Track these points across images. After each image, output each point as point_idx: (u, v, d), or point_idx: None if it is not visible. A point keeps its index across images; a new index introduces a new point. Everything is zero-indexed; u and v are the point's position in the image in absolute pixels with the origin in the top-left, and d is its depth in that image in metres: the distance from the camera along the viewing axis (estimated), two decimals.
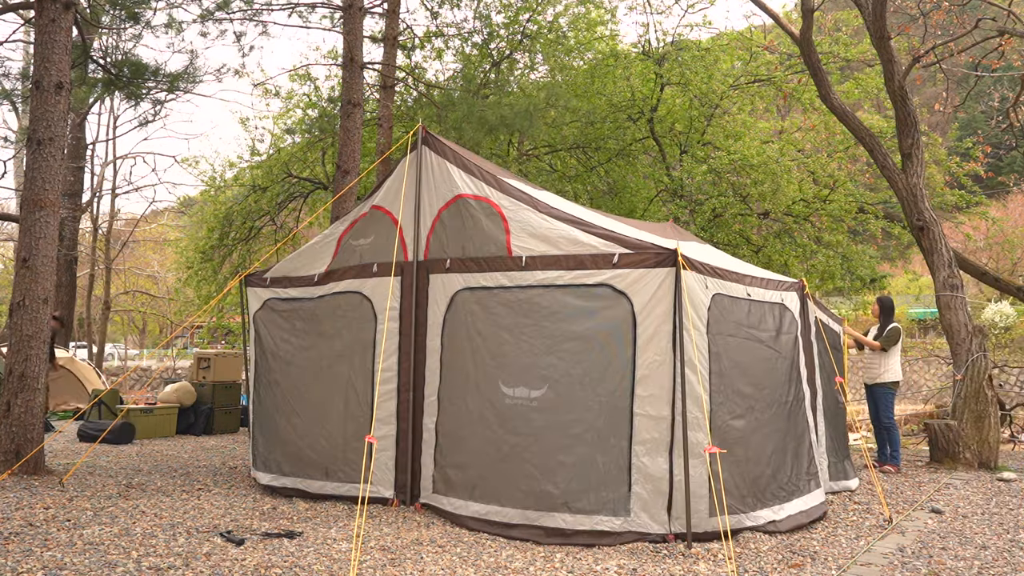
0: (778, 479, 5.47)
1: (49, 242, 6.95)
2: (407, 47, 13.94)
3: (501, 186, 5.77)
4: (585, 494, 4.98)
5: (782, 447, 5.61)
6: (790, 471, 5.62)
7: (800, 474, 5.74)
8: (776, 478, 5.46)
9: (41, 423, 6.90)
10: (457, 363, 5.66)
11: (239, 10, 11.33)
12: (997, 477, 7.79)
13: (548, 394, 5.18)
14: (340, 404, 6.13)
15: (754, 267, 7.04)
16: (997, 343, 24.93)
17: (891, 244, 20.48)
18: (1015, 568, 4.57)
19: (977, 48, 12.18)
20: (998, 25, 11.33)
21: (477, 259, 5.65)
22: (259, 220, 15.73)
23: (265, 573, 4.08)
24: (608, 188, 15.06)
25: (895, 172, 9.78)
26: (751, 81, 14.75)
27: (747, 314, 5.53)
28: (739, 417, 5.24)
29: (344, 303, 6.27)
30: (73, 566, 4.10)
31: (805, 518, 5.56)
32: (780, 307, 5.91)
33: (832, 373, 6.81)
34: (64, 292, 16.69)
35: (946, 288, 9.16)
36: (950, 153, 15.76)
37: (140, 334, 39.58)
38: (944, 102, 13.54)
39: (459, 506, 5.40)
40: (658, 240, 5.56)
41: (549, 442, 5.13)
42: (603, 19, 15.27)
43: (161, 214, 29.81)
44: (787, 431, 5.70)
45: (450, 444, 5.61)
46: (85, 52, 8.84)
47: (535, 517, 5.04)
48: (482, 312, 5.55)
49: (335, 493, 6.04)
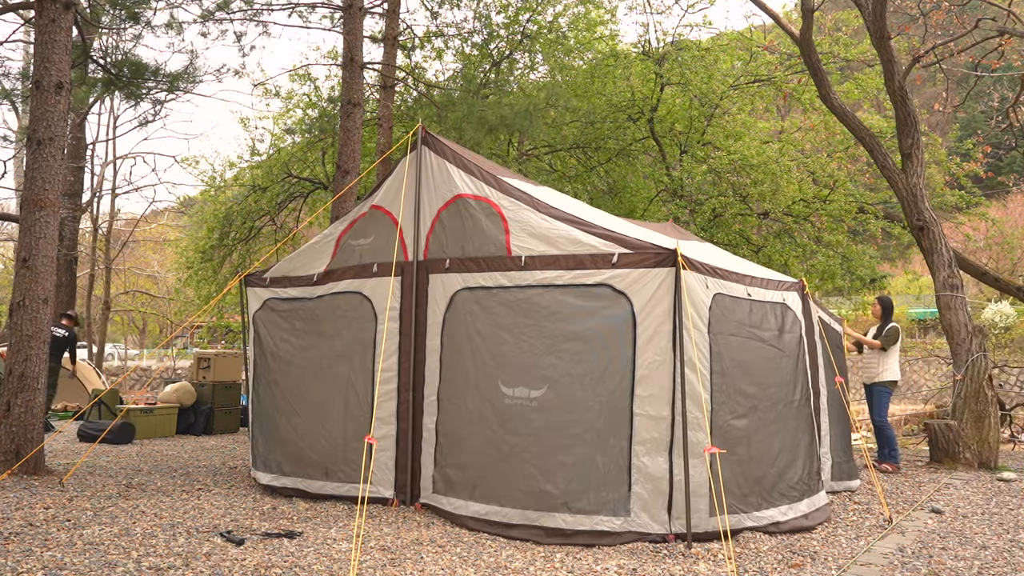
0: (787, 479, 5.45)
1: (49, 242, 6.95)
2: (407, 47, 13.94)
3: (501, 186, 5.76)
4: (585, 494, 4.98)
5: (791, 446, 5.59)
6: (802, 470, 5.61)
7: (812, 473, 5.74)
8: (785, 478, 5.44)
9: (41, 423, 6.90)
10: (457, 363, 5.66)
11: (239, 10, 11.34)
12: (997, 477, 7.79)
13: (548, 394, 5.18)
14: (340, 404, 6.13)
15: (756, 266, 7.03)
16: (997, 343, 24.94)
17: (891, 244, 20.48)
18: (1015, 568, 4.57)
19: (977, 48, 12.18)
20: (998, 25, 11.33)
21: (476, 259, 5.65)
22: (259, 220, 15.74)
23: (265, 573, 4.08)
24: (608, 188, 15.06)
25: (895, 172, 9.78)
26: (751, 81, 14.75)
27: (749, 313, 5.52)
28: (741, 417, 5.23)
29: (344, 303, 6.26)
30: (73, 566, 4.10)
31: (822, 515, 5.57)
32: (782, 307, 5.90)
33: (834, 373, 6.81)
34: (64, 292, 16.68)
35: (946, 288, 9.16)
36: (950, 153, 15.76)
37: (140, 334, 39.60)
38: (944, 102, 13.54)
39: (459, 506, 5.40)
40: (658, 239, 5.56)
41: (549, 442, 5.13)
42: (603, 19, 15.27)
43: (161, 214, 29.82)
44: (796, 430, 5.69)
45: (450, 444, 5.60)
46: (85, 52, 8.84)
47: (535, 517, 5.04)
48: (481, 312, 5.54)
49: (335, 493, 6.04)
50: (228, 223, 15.50)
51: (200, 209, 18.98)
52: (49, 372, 7.76)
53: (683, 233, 7.95)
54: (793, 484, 5.49)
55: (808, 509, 5.53)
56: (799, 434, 5.72)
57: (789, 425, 5.62)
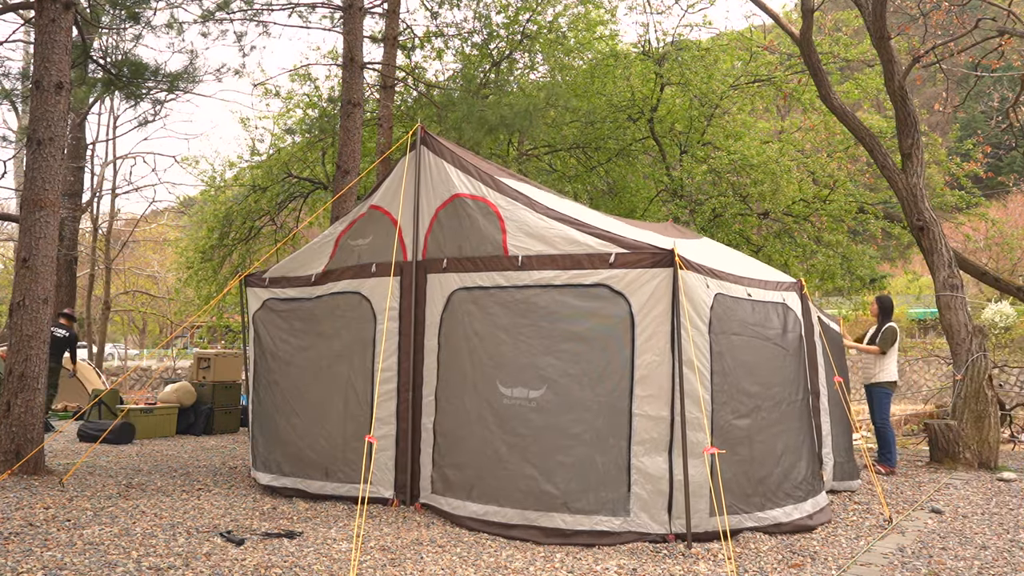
0: (792, 478, 5.45)
1: (49, 242, 6.95)
2: (407, 47, 13.94)
3: (498, 186, 5.76)
4: (584, 494, 4.98)
5: (796, 445, 5.58)
6: (805, 470, 5.61)
7: (815, 473, 5.74)
8: (790, 477, 5.44)
9: (41, 423, 6.90)
10: (454, 363, 5.65)
11: (239, 10, 11.34)
12: (997, 477, 7.79)
13: (547, 394, 5.17)
14: (340, 404, 6.13)
15: (757, 263, 7.01)
16: (997, 343, 24.94)
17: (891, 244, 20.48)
18: (1015, 568, 4.57)
19: (977, 48, 12.18)
20: (998, 25, 11.33)
21: (473, 258, 5.64)
22: (259, 220, 15.74)
23: (265, 573, 4.08)
24: (608, 188, 15.06)
25: (895, 172, 9.78)
26: (751, 81, 14.75)
27: (752, 312, 5.51)
28: (743, 416, 5.23)
29: (343, 303, 6.26)
30: (73, 566, 4.10)
31: (824, 516, 5.58)
32: (783, 306, 5.90)
33: (833, 372, 6.81)
34: (64, 292, 16.68)
35: (946, 288, 9.16)
36: (950, 153, 15.76)
37: (140, 334, 39.60)
38: (944, 102, 13.54)
39: (457, 506, 5.40)
40: (656, 239, 5.55)
41: (548, 442, 5.13)
42: (603, 19, 15.27)
43: (161, 214, 29.82)
44: (800, 430, 5.69)
45: (448, 444, 5.60)
46: (85, 52, 8.84)
47: (534, 517, 5.04)
48: (479, 312, 5.54)
49: (334, 493, 6.03)
50: (228, 223, 15.50)
51: (200, 209, 18.99)
52: (49, 372, 7.75)
53: (684, 232, 7.93)
54: (798, 484, 5.48)
55: (812, 509, 5.53)
56: (802, 433, 5.71)
57: (793, 425, 5.61)
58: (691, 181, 13.73)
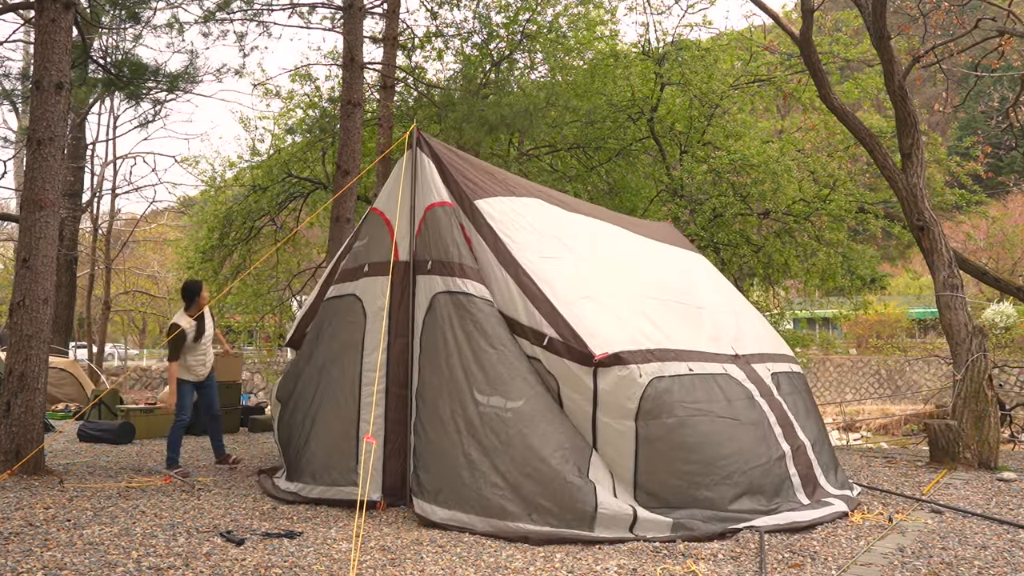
0: (786, 483, 5.57)
1: (49, 242, 6.95)
2: (407, 47, 13.95)
3: (474, 218, 5.86)
4: (551, 508, 5.00)
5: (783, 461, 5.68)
6: (806, 473, 5.70)
7: (815, 478, 5.81)
8: (784, 483, 5.56)
9: (41, 423, 6.90)
10: (433, 366, 5.61)
11: (240, 10, 11.34)
12: (997, 477, 7.79)
13: (524, 406, 5.19)
14: (330, 408, 6.11)
15: (700, 330, 6.52)
16: (997, 343, 24.95)
17: (891, 244, 20.51)
18: (1015, 568, 4.57)
19: (977, 48, 12.18)
20: (998, 25, 11.33)
21: (451, 264, 5.68)
22: (259, 220, 15.74)
23: (265, 573, 4.08)
24: (608, 188, 15.06)
25: (895, 172, 9.78)
26: (751, 81, 14.75)
27: (692, 390, 5.46)
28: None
29: (340, 305, 6.29)
30: (73, 566, 4.10)
31: (828, 517, 5.61)
32: (724, 377, 5.85)
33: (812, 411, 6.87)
34: (64, 292, 16.69)
35: (946, 288, 9.16)
36: (950, 153, 15.78)
37: (140, 334, 39.62)
38: (944, 102, 13.53)
39: (428, 510, 5.30)
40: (601, 330, 5.40)
41: (520, 453, 5.11)
42: (603, 19, 15.28)
43: (161, 214, 29.84)
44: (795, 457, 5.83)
45: (421, 446, 5.55)
46: (85, 52, 8.84)
47: (500, 526, 5.00)
48: (458, 317, 5.53)
49: (322, 497, 5.93)
50: (228, 223, 15.50)
51: (200, 209, 18.98)
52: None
53: (679, 238, 7.88)
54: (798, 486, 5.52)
55: (814, 514, 5.54)
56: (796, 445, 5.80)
57: (782, 471, 5.68)
58: (691, 181, 13.73)
